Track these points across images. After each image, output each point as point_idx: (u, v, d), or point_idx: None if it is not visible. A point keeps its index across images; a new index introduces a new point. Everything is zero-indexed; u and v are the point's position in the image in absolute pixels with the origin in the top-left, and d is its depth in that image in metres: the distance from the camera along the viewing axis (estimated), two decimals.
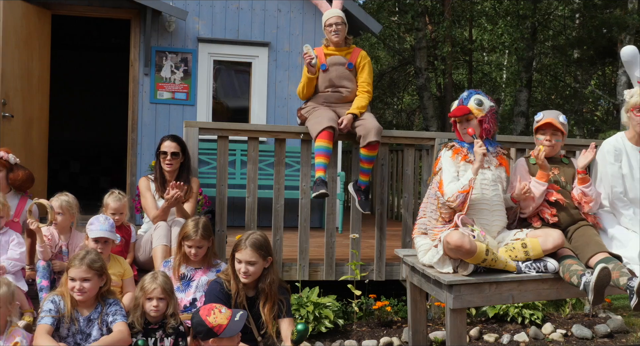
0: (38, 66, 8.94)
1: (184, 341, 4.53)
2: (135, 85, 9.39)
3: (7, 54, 8.26)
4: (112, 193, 5.77)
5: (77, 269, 4.35)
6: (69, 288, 4.36)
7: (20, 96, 8.52)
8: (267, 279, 4.53)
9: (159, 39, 9.43)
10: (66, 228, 5.54)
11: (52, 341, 4.20)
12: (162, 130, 9.09)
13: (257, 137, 6.35)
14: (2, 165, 5.78)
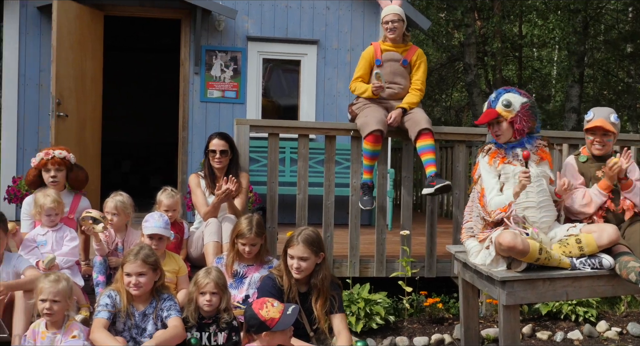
0: (91, 67, 9.09)
1: (237, 335, 4.57)
2: (185, 85, 9.50)
3: (62, 55, 8.42)
4: (165, 191, 5.86)
5: (132, 264, 4.42)
6: (125, 284, 4.44)
7: (74, 96, 8.68)
8: (319, 275, 4.55)
9: (208, 38, 9.53)
10: (122, 226, 5.65)
11: (109, 334, 4.29)
12: (212, 129, 9.15)
13: (307, 134, 6.38)
14: (64, 164, 5.91)
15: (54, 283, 4.31)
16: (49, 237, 5.44)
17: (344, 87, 9.68)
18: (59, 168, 5.89)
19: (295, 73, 10.02)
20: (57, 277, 4.38)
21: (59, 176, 5.88)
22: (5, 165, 9.16)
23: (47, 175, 5.86)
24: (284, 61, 9.97)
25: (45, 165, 5.87)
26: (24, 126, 9.20)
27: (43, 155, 5.88)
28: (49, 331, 4.36)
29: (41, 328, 4.39)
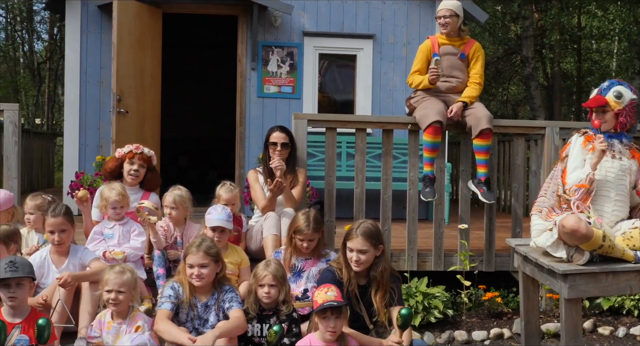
0: (150, 64, 9.23)
1: (297, 327, 4.62)
2: (242, 80, 9.59)
3: (122, 52, 8.58)
4: (224, 185, 5.94)
5: (194, 256, 4.50)
6: (188, 275, 4.52)
7: (134, 93, 8.83)
8: (378, 267, 4.56)
9: (265, 34, 9.60)
10: (180, 220, 5.74)
11: (173, 325, 4.38)
12: (269, 124, 9.19)
13: (364, 128, 6.40)
14: (147, 162, 6.08)
15: (119, 275, 4.42)
16: (115, 230, 5.57)
17: (400, 81, 9.66)
18: (143, 165, 6.08)
19: (350, 68, 10.03)
20: (122, 269, 4.49)
21: (141, 172, 6.05)
22: (68, 161, 9.39)
23: (129, 167, 6.05)
24: (339, 56, 10.00)
25: (132, 158, 6.05)
26: (85, 123, 9.41)
27: (133, 148, 6.08)
28: (115, 321, 4.47)
29: (107, 318, 4.50)
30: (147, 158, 6.11)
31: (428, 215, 9.28)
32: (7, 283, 4.19)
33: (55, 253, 5.13)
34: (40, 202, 5.67)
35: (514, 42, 19.93)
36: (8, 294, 4.20)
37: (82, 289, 4.88)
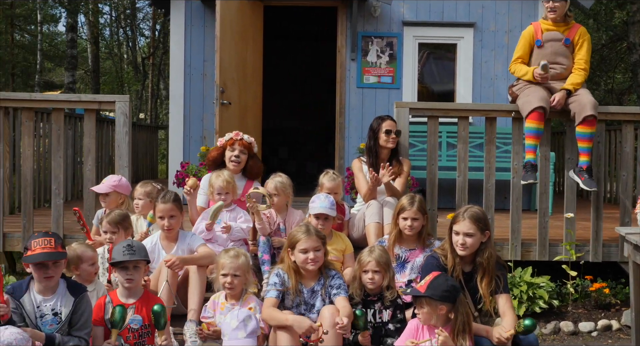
0: (252, 56, 9.38)
1: (402, 313, 4.64)
2: (342, 71, 9.64)
3: (225, 45, 8.74)
4: (327, 173, 6.00)
5: (308, 240, 4.55)
6: (301, 261, 4.55)
7: (236, 85, 9.00)
8: (484, 253, 4.52)
9: (364, 25, 9.62)
10: (282, 207, 5.84)
11: (278, 310, 4.45)
12: (369, 114, 9.25)
13: (467, 117, 6.34)
14: (248, 149, 6.22)
15: (234, 259, 4.55)
16: (223, 216, 5.73)
17: (502, 70, 9.52)
18: (243, 151, 6.22)
19: (448, 60, 9.94)
20: (237, 253, 4.63)
21: (242, 158, 6.20)
22: (173, 152, 9.67)
23: (230, 154, 6.21)
24: (439, 45, 9.93)
25: (233, 144, 6.21)
26: (189, 114, 9.67)
27: (233, 135, 6.24)
28: (228, 302, 4.60)
29: (221, 299, 4.65)
30: (247, 144, 6.24)
31: (530, 206, 9.12)
32: (125, 266, 4.37)
33: (164, 239, 5.32)
34: (150, 189, 5.89)
35: (619, 29, 19.27)
36: (126, 276, 4.38)
37: (190, 273, 5.04)
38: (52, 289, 4.20)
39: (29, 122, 6.42)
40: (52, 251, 4.13)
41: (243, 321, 3.90)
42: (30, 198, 6.43)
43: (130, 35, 30.26)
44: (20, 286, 4.21)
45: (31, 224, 6.37)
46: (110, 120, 12.24)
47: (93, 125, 6.42)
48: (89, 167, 6.41)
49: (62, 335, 4.12)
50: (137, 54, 30.83)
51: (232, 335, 3.93)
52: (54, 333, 4.10)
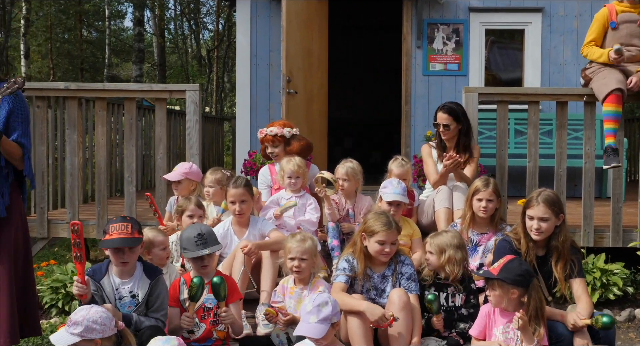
0: (317, 46, 9.40)
1: (475, 299, 4.61)
2: (408, 59, 9.59)
3: (291, 35, 8.78)
4: (396, 160, 6.00)
5: (388, 234, 4.53)
6: (376, 251, 4.54)
7: (302, 74, 9.03)
8: (559, 237, 4.46)
9: (430, 12, 9.55)
10: (352, 192, 5.85)
11: (347, 295, 4.47)
12: (435, 102, 9.18)
13: (537, 101, 6.26)
14: (277, 140, 6.24)
15: (301, 243, 4.58)
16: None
17: (572, 55, 9.34)
18: (274, 144, 6.24)
19: (514, 48, 9.80)
20: (304, 237, 4.66)
21: (276, 151, 6.23)
22: (240, 141, 9.78)
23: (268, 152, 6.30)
24: (507, 31, 9.79)
25: (263, 143, 6.33)
26: (256, 104, 9.75)
27: (259, 134, 6.30)
28: (297, 286, 4.64)
29: (290, 283, 4.69)
30: (272, 137, 6.22)
31: (601, 193, 8.94)
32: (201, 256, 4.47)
33: (236, 224, 5.39)
34: (220, 176, 5.97)
35: None
36: (202, 264, 4.49)
37: (263, 258, 5.10)
38: (129, 272, 4.30)
39: (102, 112, 6.56)
40: (128, 237, 4.21)
41: (318, 307, 3.92)
42: (105, 186, 6.58)
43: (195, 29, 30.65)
44: (100, 269, 4.32)
45: (105, 211, 6.52)
46: (177, 112, 12.45)
47: (164, 114, 6.53)
48: (160, 155, 6.52)
49: (139, 316, 4.22)
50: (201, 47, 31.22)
51: (304, 318, 3.96)
52: (131, 313, 4.20)
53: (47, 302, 5.89)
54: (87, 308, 3.75)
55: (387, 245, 4.53)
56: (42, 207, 6.64)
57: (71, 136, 6.55)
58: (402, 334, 4.29)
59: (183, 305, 4.45)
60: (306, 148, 6.34)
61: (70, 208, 6.58)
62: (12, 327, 4.10)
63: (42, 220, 6.61)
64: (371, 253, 4.58)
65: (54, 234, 6.74)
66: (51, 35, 25.50)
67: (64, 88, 6.58)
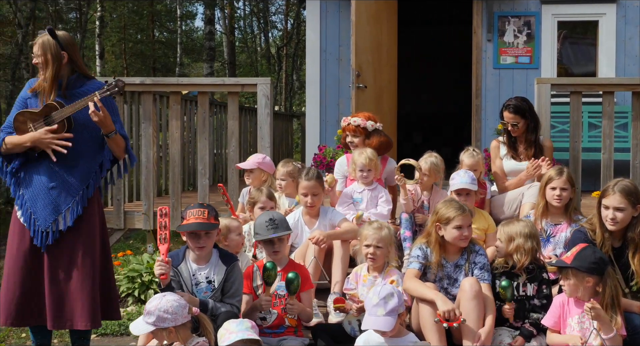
0: (386, 40, 9.41)
1: (548, 288, 4.55)
2: (478, 52, 9.51)
3: (360, 29, 8.82)
4: (467, 150, 5.97)
5: (465, 217, 4.53)
6: (455, 237, 4.52)
7: (371, 68, 9.06)
8: (636, 228, 4.37)
9: (501, 5, 9.45)
10: (429, 185, 5.83)
11: (420, 282, 4.48)
12: (505, 95, 9.05)
13: (612, 92, 6.14)
14: (359, 131, 6.25)
15: (377, 230, 4.62)
16: (364, 195, 5.80)
17: None
18: (355, 134, 6.24)
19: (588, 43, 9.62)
20: (380, 225, 4.69)
21: (355, 141, 6.25)
22: (310, 136, 9.86)
23: (348, 141, 6.31)
24: (579, 23, 9.62)
25: (344, 131, 6.32)
26: (325, 99, 9.81)
27: (342, 122, 6.33)
28: (370, 274, 4.68)
29: (363, 271, 4.74)
30: (355, 127, 6.21)
31: None
32: (270, 240, 4.53)
33: (306, 214, 5.46)
34: (291, 168, 6.04)
35: None
36: (273, 249, 4.56)
37: (334, 247, 5.14)
38: (205, 258, 4.41)
39: (177, 106, 6.71)
40: (204, 221, 4.32)
41: (384, 299, 3.94)
42: (179, 179, 6.73)
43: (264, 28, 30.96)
44: (177, 255, 4.44)
45: (179, 203, 6.67)
46: (247, 109, 12.61)
47: (236, 107, 6.64)
48: (232, 148, 6.64)
49: (215, 301, 4.31)
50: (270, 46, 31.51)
51: (371, 311, 3.98)
52: (208, 299, 4.30)
53: (124, 291, 6.05)
54: (160, 297, 3.86)
55: (465, 229, 4.53)
56: (119, 199, 6.83)
57: (146, 129, 6.72)
58: (473, 323, 4.27)
59: (256, 292, 4.54)
60: (385, 145, 6.34)
61: (146, 200, 6.75)
62: (93, 311, 4.24)
63: (118, 211, 6.80)
64: (450, 241, 4.56)
65: (130, 225, 6.92)
66: (125, 35, 26.16)
67: (140, 83, 6.76)
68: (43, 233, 4.23)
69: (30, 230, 4.23)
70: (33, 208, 4.25)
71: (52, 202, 4.25)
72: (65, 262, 4.25)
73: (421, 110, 14.79)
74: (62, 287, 4.22)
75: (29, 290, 4.23)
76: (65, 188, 4.28)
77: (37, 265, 4.24)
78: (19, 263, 4.24)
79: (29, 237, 4.24)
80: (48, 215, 4.24)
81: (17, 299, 4.22)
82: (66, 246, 4.26)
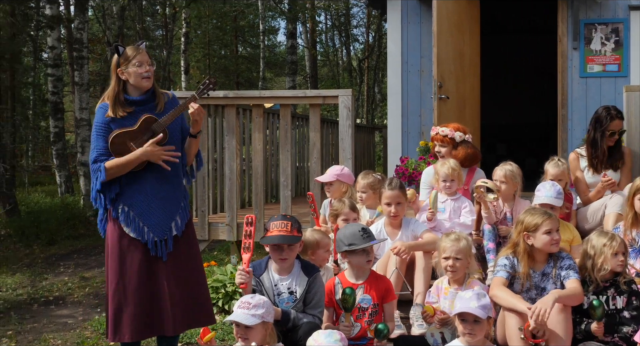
0: (469, 50, 9.31)
1: (638, 300, 4.41)
2: (564, 61, 9.31)
3: (441, 39, 8.76)
4: (553, 160, 5.86)
5: (553, 221, 4.46)
6: (546, 242, 4.43)
7: (454, 78, 8.98)
8: None
9: (587, 12, 9.24)
10: (510, 196, 5.74)
11: (509, 291, 4.39)
12: (592, 105, 8.83)
13: None
14: (446, 141, 6.23)
15: (456, 242, 4.56)
16: (447, 204, 5.76)
17: None
18: (443, 145, 6.29)
19: None
20: (458, 236, 4.63)
21: (442, 151, 6.25)
22: (392, 147, 9.82)
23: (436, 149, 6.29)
24: None
25: (433, 141, 6.31)
26: (407, 110, 9.76)
27: (431, 131, 6.31)
28: (451, 287, 4.62)
29: (444, 284, 4.68)
30: (442, 137, 6.28)
31: None
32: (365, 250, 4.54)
33: (388, 225, 5.44)
34: (372, 180, 6.02)
35: None
36: (367, 259, 4.56)
37: (416, 258, 5.11)
38: (287, 269, 4.44)
39: (259, 118, 6.80)
40: (287, 234, 4.36)
41: (477, 295, 3.89)
42: (262, 190, 6.81)
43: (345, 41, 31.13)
44: (260, 265, 4.49)
45: (262, 215, 6.74)
46: (328, 121, 12.67)
47: (318, 119, 6.68)
48: (314, 160, 6.68)
49: (297, 312, 4.33)
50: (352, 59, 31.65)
51: (463, 302, 3.92)
52: (290, 309, 4.32)
53: None
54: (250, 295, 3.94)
55: (555, 233, 4.44)
56: (203, 211, 6.95)
57: (230, 142, 6.83)
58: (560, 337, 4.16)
59: (339, 304, 4.52)
60: (471, 157, 6.31)
61: (229, 211, 6.85)
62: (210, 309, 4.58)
63: (203, 222, 6.92)
64: (541, 247, 4.46)
65: (214, 237, 7.04)
66: (209, 51, 26.70)
67: (223, 96, 6.89)
68: (160, 243, 4.37)
69: (148, 243, 4.35)
70: (146, 221, 4.37)
71: (165, 211, 4.41)
72: (181, 267, 4.43)
73: (505, 121, 14.55)
74: (182, 291, 4.39)
75: (148, 301, 4.34)
76: (173, 196, 4.46)
77: (154, 276, 4.37)
78: (135, 278, 4.32)
79: (141, 250, 4.35)
80: (164, 224, 4.39)
81: (139, 312, 4.31)
82: (180, 251, 4.45)
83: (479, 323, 3.87)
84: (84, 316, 7.00)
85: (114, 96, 4.37)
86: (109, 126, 4.35)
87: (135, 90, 4.41)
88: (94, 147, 4.36)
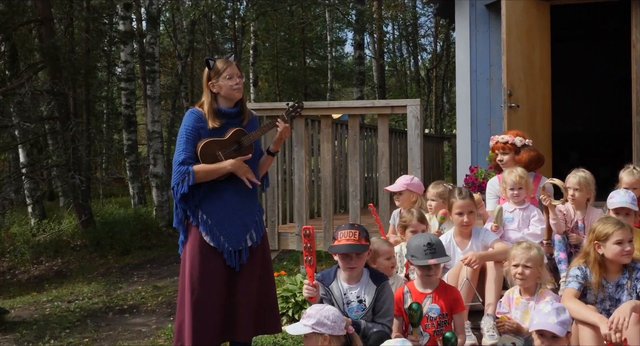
0: (539, 57, 9.18)
1: None
2: (638, 67, 9.06)
3: (511, 47, 8.66)
4: (627, 168, 5.74)
5: (625, 231, 4.37)
6: (616, 253, 4.33)
7: (524, 86, 8.86)
8: None
9: None
10: (582, 203, 5.64)
11: (582, 303, 4.30)
12: None
13: None
14: (508, 148, 6.17)
15: (526, 250, 4.51)
16: (516, 214, 5.69)
17: None
18: (504, 152, 6.23)
19: None
20: (529, 245, 4.58)
21: (505, 159, 6.20)
22: (461, 157, 9.75)
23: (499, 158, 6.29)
24: None
25: (494, 150, 6.30)
26: (476, 119, 9.68)
27: (491, 141, 6.38)
28: (523, 297, 4.56)
29: (515, 294, 4.62)
30: (503, 144, 6.21)
31: None
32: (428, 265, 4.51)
33: (458, 235, 5.40)
34: (442, 190, 6.00)
35: None
36: (428, 273, 4.54)
37: (487, 269, 5.06)
38: (356, 278, 4.45)
39: (328, 129, 6.85)
40: (355, 243, 4.37)
41: (556, 309, 3.83)
42: (330, 200, 6.85)
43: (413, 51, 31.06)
44: (329, 274, 4.52)
45: (331, 225, 6.78)
46: (397, 131, 12.64)
47: (386, 129, 6.69)
48: (383, 169, 6.69)
49: (367, 322, 4.34)
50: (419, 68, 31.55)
51: (542, 317, 3.87)
52: (360, 319, 4.33)
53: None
54: (322, 305, 3.97)
55: (626, 244, 4.34)
56: (273, 221, 7.03)
57: (299, 153, 6.90)
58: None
59: (407, 313, 4.51)
60: (535, 160, 6.23)
61: (299, 221, 6.91)
62: (278, 317, 4.79)
63: (273, 232, 7.00)
64: (611, 258, 4.37)
65: (283, 247, 7.11)
66: (277, 63, 26.95)
67: None
68: (235, 253, 4.52)
69: (224, 253, 4.51)
70: (224, 232, 4.52)
71: (243, 223, 4.58)
72: (256, 276, 4.62)
73: (577, 129, 14.30)
74: (254, 299, 4.58)
75: (223, 308, 4.49)
76: (250, 209, 4.64)
77: (230, 283, 4.53)
78: (215, 285, 4.48)
79: (220, 258, 4.51)
80: (240, 236, 4.56)
81: (217, 318, 4.46)
82: (255, 261, 4.62)
83: (557, 338, 3.82)
84: (157, 324, 7.15)
85: (209, 108, 4.54)
86: (199, 132, 4.53)
87: (225, 102, 4.60)
88: (182, 150, 4.50)
